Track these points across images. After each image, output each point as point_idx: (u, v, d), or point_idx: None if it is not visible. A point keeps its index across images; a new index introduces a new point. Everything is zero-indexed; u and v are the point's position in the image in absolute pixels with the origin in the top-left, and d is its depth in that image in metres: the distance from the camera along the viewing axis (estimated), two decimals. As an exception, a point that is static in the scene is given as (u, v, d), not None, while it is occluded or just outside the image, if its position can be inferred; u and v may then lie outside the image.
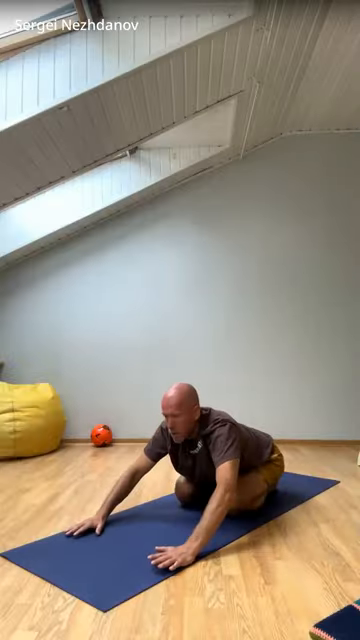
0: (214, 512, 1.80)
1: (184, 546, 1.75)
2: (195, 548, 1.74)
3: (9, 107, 2.52)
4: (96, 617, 1.38)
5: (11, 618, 1.38)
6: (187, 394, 2.09)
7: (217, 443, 2.01)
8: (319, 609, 1.41)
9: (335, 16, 2.81)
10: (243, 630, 1.30)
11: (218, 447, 2.00)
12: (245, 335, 4.31)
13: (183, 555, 1.70)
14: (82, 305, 4.44)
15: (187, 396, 2.09)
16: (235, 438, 2.03)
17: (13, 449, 3.59)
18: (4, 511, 2.37)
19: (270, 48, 2.91)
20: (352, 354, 4.22)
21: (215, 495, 1.85)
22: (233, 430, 2.05)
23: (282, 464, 2.46)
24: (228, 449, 1.98)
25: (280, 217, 4.38)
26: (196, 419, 2.11)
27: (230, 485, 1.88)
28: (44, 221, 4.11)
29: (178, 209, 4.43)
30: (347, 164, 4.37)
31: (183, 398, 2.07)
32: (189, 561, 1.70)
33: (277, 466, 2.43)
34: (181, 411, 2.05)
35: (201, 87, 3.04)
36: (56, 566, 1.72)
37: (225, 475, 1.91)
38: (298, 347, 4.26)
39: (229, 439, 2.00)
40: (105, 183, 4.12)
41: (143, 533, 2.03)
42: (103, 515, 2.11)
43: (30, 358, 4.43)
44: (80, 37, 2.54)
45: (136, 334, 4.37)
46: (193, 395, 2.12)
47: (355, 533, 2.03)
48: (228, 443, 1.99)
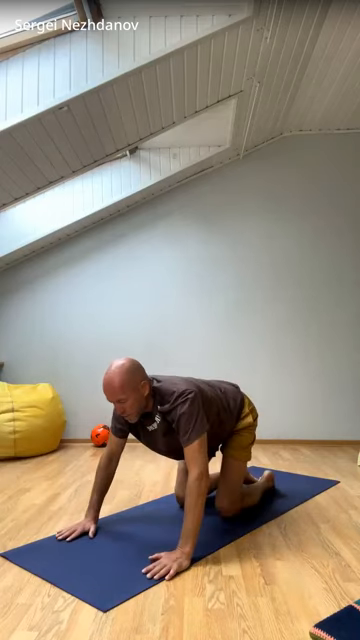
0: (195, 508, 1.73)
1: (178, 551, 1.72)
2: (188, 552, 1.71)
3: (9, 107, 2.52)
4: (96, 617, 1.38)
5: (11, 618, 1.38)
6: (130, 372, 1.83)
7: (180, 424, 1.83)
8: (319, 609, 1.41)
9: (335, 16, 2.81)
10: (243, 630, 1.30)
11: (182, 428, 1.83)
12: (245, 334, 4.31)
13: (178, 560, 1.67)
14: (82, 305, 4.44)
15: (131, 374, 1.83)
16: (198, 411, 1.85)
17: (13, 449, 3.59)
18: (4, 511, 2.37)
19: (270, 48, 2.91)
20: (353, 354, 4.22)
21: (190, 486, 1.76)
22: (195, 403, 1.85)
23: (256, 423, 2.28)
24: (193, 427, 1.81)
25: (280, 217, 4.38)
26: (147, 395, 1.89)
27: (201, 468, 1.78)
28: (44, 221, 4.11)
29: (178, 209, 4.43)
30: (347, 164, 4.37)
31: (126, 378, 1.81)
32: (185, 565, 1.68)
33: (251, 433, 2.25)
34: (127, 394, 1.82)
35: (201, 87, 3.04)
36: (56, 566, 1.72)
37: (193, 457, 1.79)
38: (298, 347, 4.27)
39: (192, 415, 1.83)
40: (105, 183, 4.12)
41: (143, 533, 2.03)
42: (93, 517, 2.06)
43: (30, 358, 4.43)
44: (80, 37, 2.54)
45: (136, 334, 4.37)
46: (138, 370, 1.87)
47: (355, 533, 2.03)
48: (192, 420, 1.82)
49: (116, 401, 1.84)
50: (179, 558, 1.69)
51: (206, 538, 1.96)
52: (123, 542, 1.94)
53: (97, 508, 2.10)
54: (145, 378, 1.89)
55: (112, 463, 2.12)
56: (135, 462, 3.45)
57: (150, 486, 2.81)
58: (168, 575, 1.61)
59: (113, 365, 1.85)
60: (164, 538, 1.97)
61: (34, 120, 2.58)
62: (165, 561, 1.68)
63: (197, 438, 1.81)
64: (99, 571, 1.67)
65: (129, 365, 1.85)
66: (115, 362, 1.86)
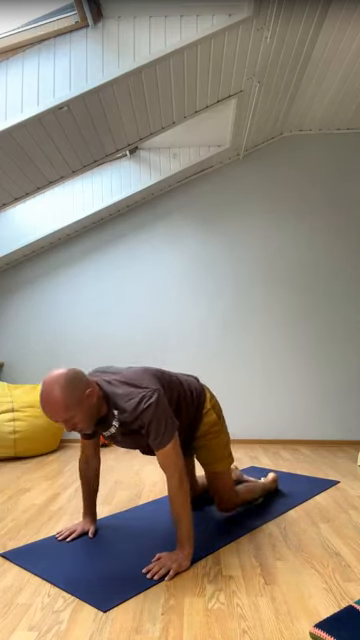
0: (183, 514, 1.70)
1: (178, 552, 1.71)
2: (188, 552, 1.71)
3: (9, 107, 2.52)
4: (96, 617, 1.38)
5: (11, 618, 1.38)
6: (70, 385, 1.61)
7: (150, 430, 1.68)
8: (319, 609, 1.41)
9: (335, 16, 2.81)
10: (243, 630, 1.30)
11: (152, 434, 1.69)
12: (245, 334, 4.31)
13: (178, 561, 1.67)
14: (82, 305, 4.44)
15: (72, 388, 1.61)
16: (164, 411, 1.70)
17: (13, 449, 3.59)
18: (4, 511, 2.37)
19: (270, 48, 2.91)
20: (353, 354, 4.22)
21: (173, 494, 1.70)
22: (160, 404, 1.69)
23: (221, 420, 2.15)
24: (165, 429, 1.68)
25: (280, 217, 4.38)
26: (95, 401, 1.70)
27: (179, 471, 1.70)
28: (44, 221, 4.11)
29: (178, 209, 4.44)
30: (347, 164, 4.37)
31: (67, 393, 1.59)
32: (185, 566, 1.68)
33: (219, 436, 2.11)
34: (73, 411, 1.61)
35: (201, 87, 3.04)
36: (56, 566, 1.72)
37: (168, 461, 1.70)
38: (298, 347, 4.26)
39: (160, 419, 1.68)
40: (105, 183, 4.12)
41: (143, 533, 2.03)
42: (91, 519, 2.07)
43: (30, 358, 4.43)
44: (80, 37, 2.54)
45: (136, 334, 4.37)
46: (78, 380, 1.64)
47: (355, 533, 2.03)
48: (162, 424, 1.68)
49: (62, 421, 1.63)
50: (179, 558, 1.69)
51: (206, 538, 1.96)
52: (123, 542, 1.94)
53: (93, 510, 2.09)
54: (89, 385, 1.68)
55: (90, 465, 2.06)
56: (134, 462, 3.45)
57: (150, 486, 2.81)
58: (168, 576, 1.61)
59: (47, 381, 1.61)
60: (164, 538, 1.97)
61: (34, 120, 2.58)
62: (165, 561, 1.68)
63: (169, 440, 1.70)
64: (99, 571, 1.67)
65: (66, 376, 1.61)
66: (49, 377, 1.62)
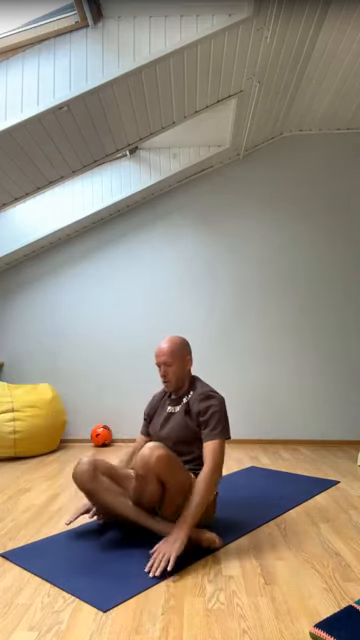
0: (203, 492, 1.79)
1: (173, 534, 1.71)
2: (186, 530, 1.70)
3: (9, 107, 2.52)
4: (96, 617, 1.38)
5: (11, 618, 1.38)
6: (180, 344, 2.15)
7: (211, 418, 1.97)
8: (319, 609, 1.41)
9: (335, 16, 2.81)
10: (243, 630, 1.30)
11: (211, 423, 1.96)
12: (245, 334, 4.31)
13: (176, 543, 1.66)
14: (82, 305, 4.44)
15: (180, 346, 2.14)
16: (226, 415, 2.02)
17: (13, 449, 3.59)
18: (4, 511, 2.37)
19: (270, 48, 2.91)
20: (352, 354, 4.22)
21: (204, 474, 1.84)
22: (224, 406, 2.03)
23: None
24: (223, 427, 1.96)
25: (280, 216, 4.38)
26: (188, 369, 2.16)
27: (218, 465, 1.88)
28: (44, 221, 4.11)
29: (178, 209, 4.43)
30: (347, 164, 4.37)
31: (176, 347, 2.12)
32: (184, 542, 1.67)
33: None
34: (174, 359, 2.10)
35: (201, 87, 3.04)
36: (56, 566, 1.72)
37: (214, 452, 1.90)
38: (298, 347, 4.26)
39: (222, 418, 1.98)
40: (105, 183, 4.12)
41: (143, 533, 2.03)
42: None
43: (30, 358, 4.43)
44: (80, 37, 2.54)
45: (136, 333, 4.37)
46: (186, 346, 2.17)
47: (355, 533, 2.03)
48: (222, 422, 1.97)
49: (162, 363, 2.10)
50: (177, 540, 1.67)
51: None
52: (123, 542, 1.94)
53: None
54: (190, 355, 2.18)
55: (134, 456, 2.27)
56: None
57: (150, 486, 2.81)
58: (170, 564, 1.60)
59: (168, 337, 2.19)
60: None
61: (34, 120, 2.58)
62: (163, 548, 1.67)
63: (222, 438, 1.94)
64: (99, 571, 1.67)
65: (180, 340, 2.17)
66: (171, 335, 2.29)
